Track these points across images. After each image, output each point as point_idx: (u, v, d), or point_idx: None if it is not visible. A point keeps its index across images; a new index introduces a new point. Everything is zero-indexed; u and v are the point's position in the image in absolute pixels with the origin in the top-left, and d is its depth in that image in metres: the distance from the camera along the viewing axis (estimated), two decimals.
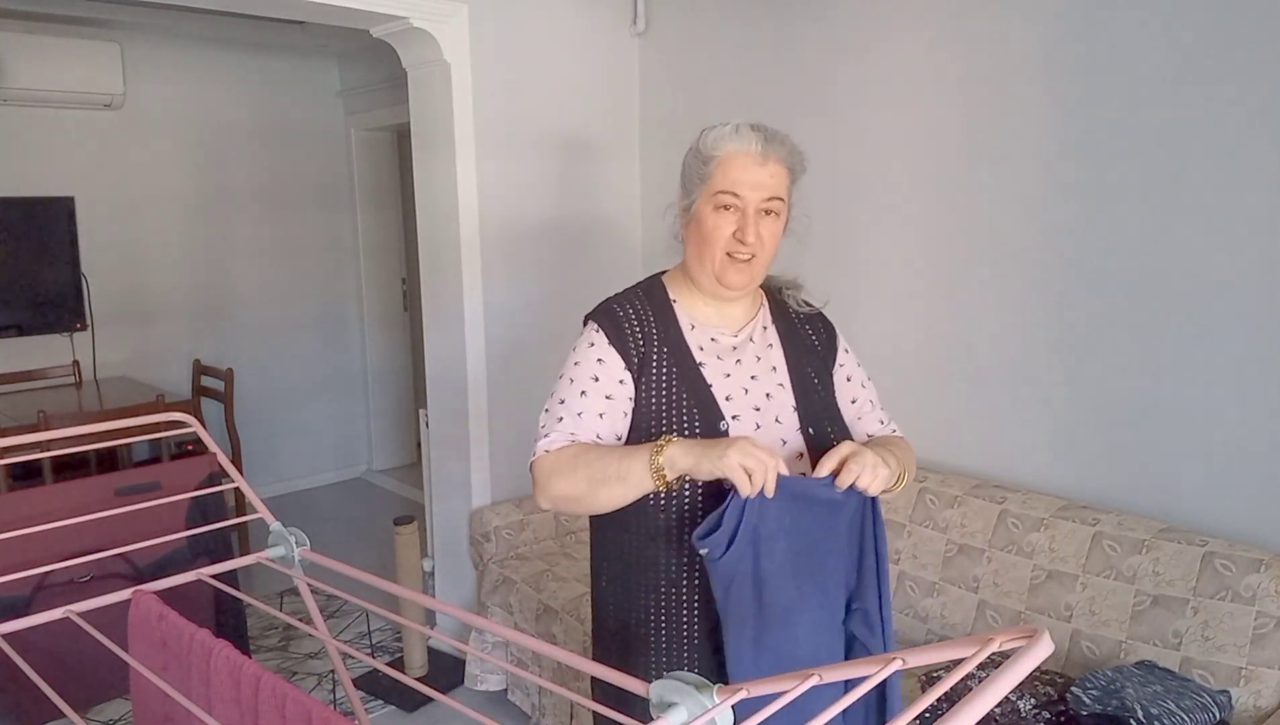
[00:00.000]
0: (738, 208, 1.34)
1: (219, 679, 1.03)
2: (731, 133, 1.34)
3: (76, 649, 2.53)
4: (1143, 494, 2.21)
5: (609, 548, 1.44)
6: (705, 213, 1.37)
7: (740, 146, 1.33)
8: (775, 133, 1.36)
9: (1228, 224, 2.02)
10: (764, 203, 1.34)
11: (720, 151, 1.34)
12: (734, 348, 1.43)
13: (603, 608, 1.48)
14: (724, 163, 1.34)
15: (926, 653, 0.67)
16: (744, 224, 1.34)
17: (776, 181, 1.35)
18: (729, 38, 3.08)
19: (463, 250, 3.07)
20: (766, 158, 1.33)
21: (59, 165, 4.38)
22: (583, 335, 1.48)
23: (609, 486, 1.27)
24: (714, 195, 1.35)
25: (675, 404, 1.36)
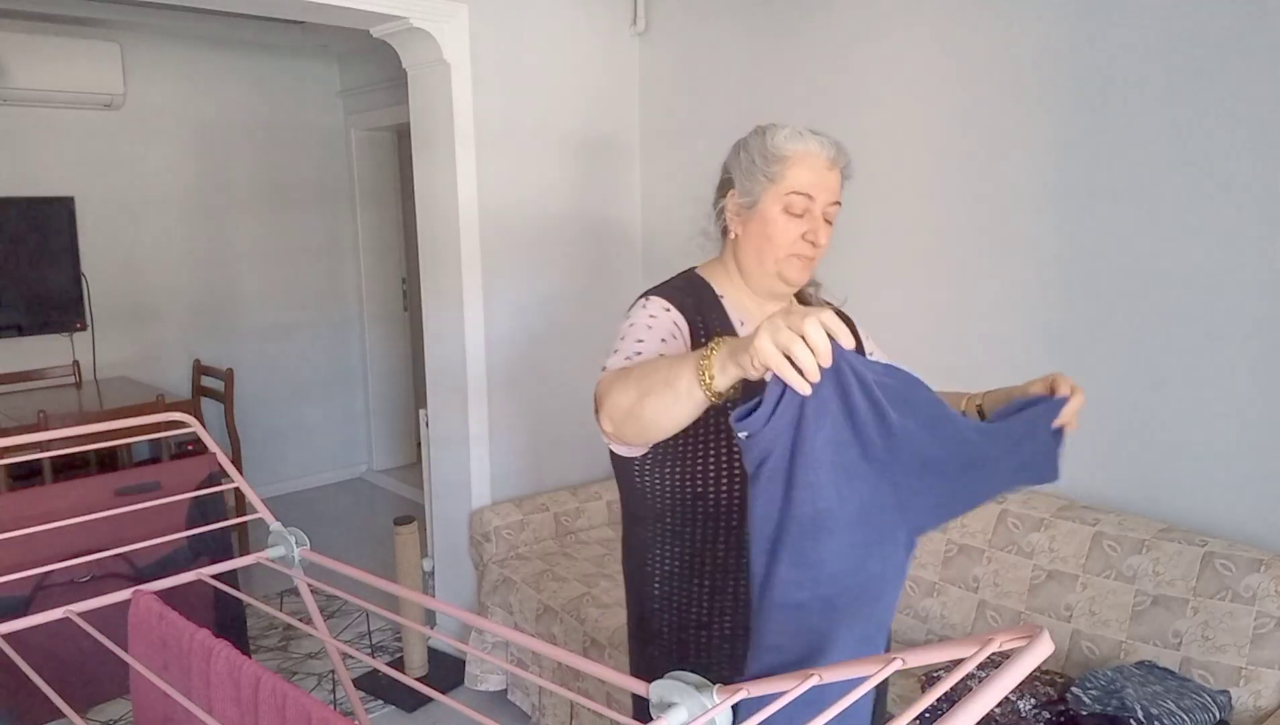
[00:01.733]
0: (809, 210, 1.35)
1: (219, 679, 1.03)
2: (799, 135, 1.35)
3: (76, 649, 2.53)
4: (1143, 494, 2.21)
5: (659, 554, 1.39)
6: (773, 213, 1.36)
7: (813, 150, 1.34)
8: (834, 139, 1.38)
9: (1228, 224, 2.02)
10: (829, 207, 1.36)
11: (791, 152, 1.34)
12: None
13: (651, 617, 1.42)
14: (796, 164, 1.33)
15: (926, 653, 0.67)
16: (815, 226, 1.35)
17: (838, 186, 1.37)
18: (729, 38, 3.08)
19: (463, 250, 3.07)
20: (834, 164, 1.35)
21: (59, 165, 4.38)
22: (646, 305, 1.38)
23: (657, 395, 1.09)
24: (785, 196, 1.34)
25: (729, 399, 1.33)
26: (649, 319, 1.35)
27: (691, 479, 1.33)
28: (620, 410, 1.14)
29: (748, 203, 1.38)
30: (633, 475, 1.39)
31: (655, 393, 1.09)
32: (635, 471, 1.38)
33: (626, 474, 1.40)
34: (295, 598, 3.76)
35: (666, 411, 1.08)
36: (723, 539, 1.33)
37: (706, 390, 1.03)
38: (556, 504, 3.19)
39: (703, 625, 1.35)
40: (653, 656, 1.43)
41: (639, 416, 1.11)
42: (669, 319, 1.36)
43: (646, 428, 1.12)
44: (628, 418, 1.13)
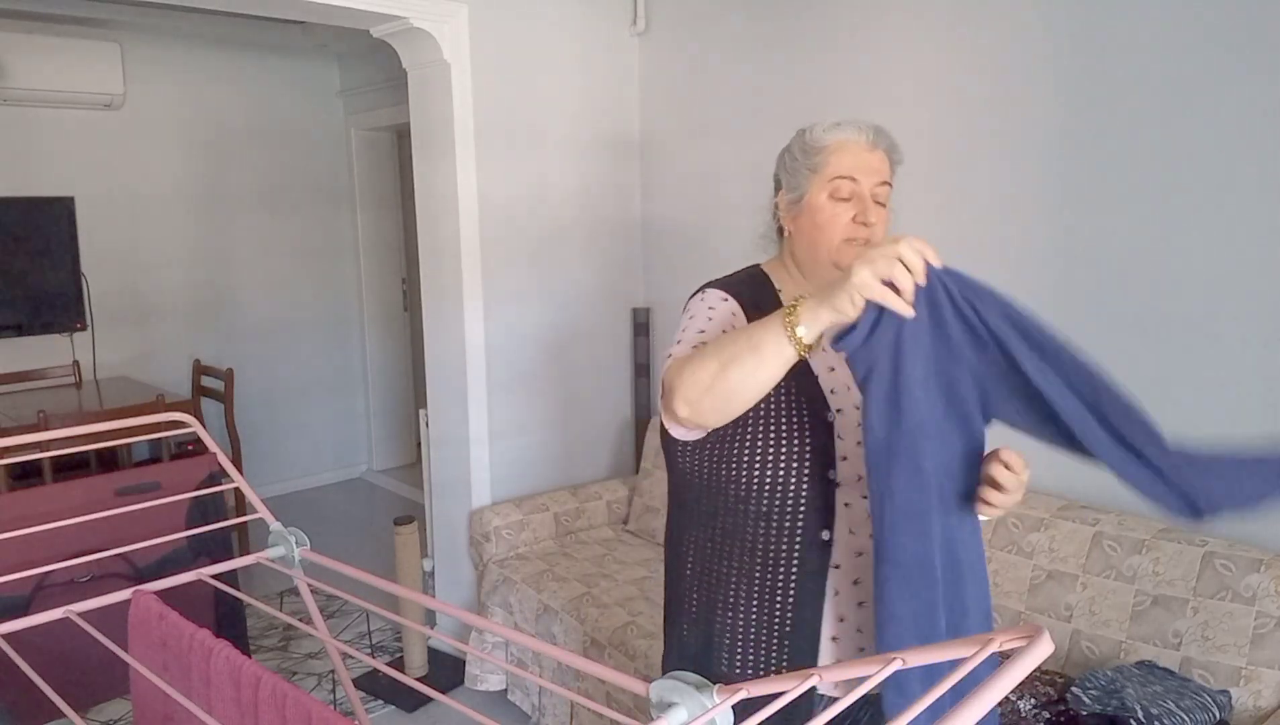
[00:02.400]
0: (855, 192, 1.34)
1: (219, 679, 1.03)
2: (835, 125, 1.36)
3: (77, 649, 2.53)
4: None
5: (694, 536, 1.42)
6: (820, 202, 1.36)
7: (850, 136, 1.35)
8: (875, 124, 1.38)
9: (1228, 225, 2.02)
10: (876, 188, 1.35)
11: (829, 141, 1.35)
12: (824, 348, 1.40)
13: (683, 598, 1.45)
14: (836, 151, 1.35)
15: (926, 653, 0.67)
16: (863, 206, 1.34)
17: (884, 167, 1.36)
18: (729, 38, 3.08)
19: (463, 250, 3.07)
20: (875, 145, 1.35)
21: (59, 165, 4.38)
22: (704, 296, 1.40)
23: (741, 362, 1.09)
24: (829, 182, 1.35)
25: (784, 393, 1.34)
26: (708, 311, 1.37)
27: (726, 463, 1.34)
28: (699, 387, 1.13)
29: (795, 197, 1.39)
30: (676, 457, 1.41)
31: (739, 359, 1.09)
32: (679, 453, 1.40)
33: (672, 456, 1.43)
34: (295, 598, 3.75)
35: (753, 375, 1.09)
36: (750, 524, 1.34)
37: (796, 344, 1.06)
38: (556, 504, 3.19)
39: (729, 607, 1.37)
40: (682, 636, 1.46)
41: (721, 389, 1.11)
42: (726, 310, 1.37)
43: (730, 398, 1.12)
44: (708, 393, 1.12)
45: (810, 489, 1.31)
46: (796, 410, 1.33)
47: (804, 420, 1.32)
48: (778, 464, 1.32)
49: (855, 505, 1.32)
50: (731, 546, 1.36)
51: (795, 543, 1.32)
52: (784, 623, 1.34)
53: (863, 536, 1.32)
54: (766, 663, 1.35)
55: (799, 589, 1.33)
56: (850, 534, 1.32)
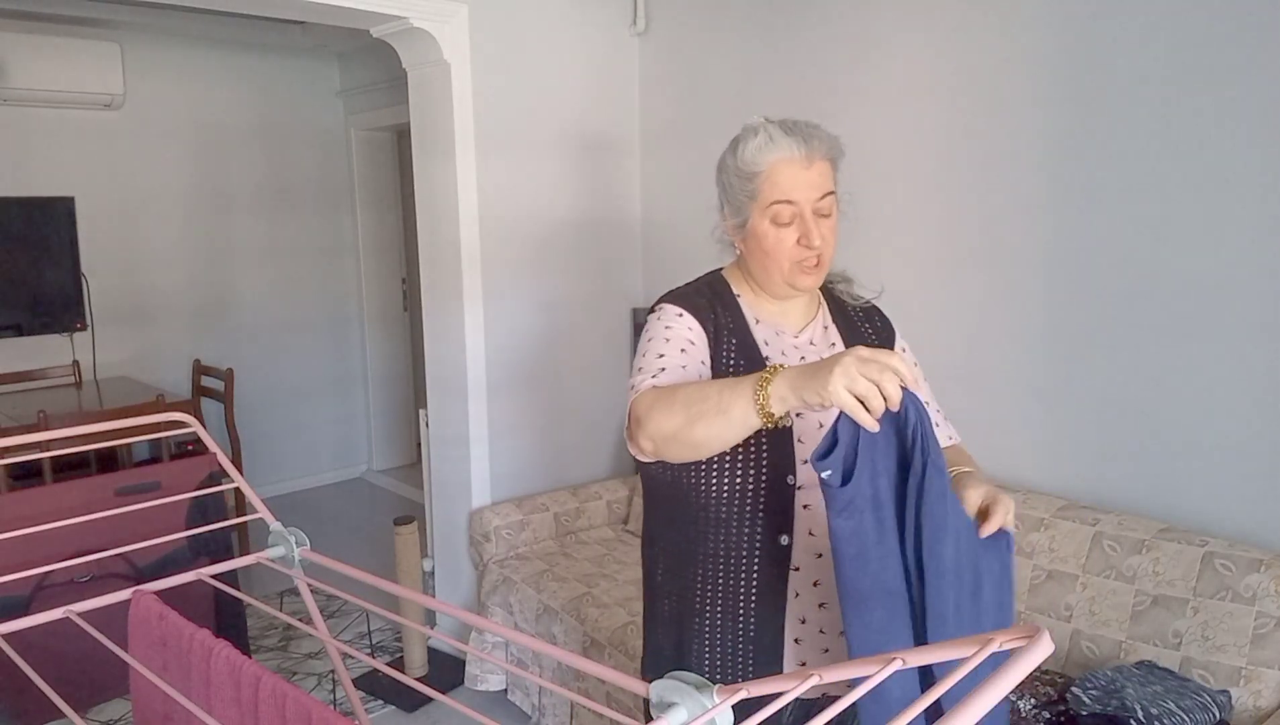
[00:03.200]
0: (797, 214, 1.32)
1: (219, 679, 1.03)
2: (767, 142, 1.31)
3: (77, 649, 2.53)
4: (1143, 494, 2.21)
5: (663, 541, 1.43)
6: (764, 227, 1.34)
7: (782, 155, 1.30)
8: (810, 129, 1.32)
9: (1227, 224, 2.02)
10: (818, 203, 1.32)
11: (763, 165, 1.31)
12: (796, 346, 1.42)
13: (657, 600, 1.47)
14: (770, 175, 1.31)
15: (926, 653, 0.67)
16: (806, 229, 1.32)
17: (824, 178, 1.33)
18: (729, 38, 3.08)
19: (463, 250, 3.07)
20: (811, 159, 1.31)
21: (59, 165, 4.38)
22: (660, 315, 1.40)
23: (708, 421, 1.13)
24: (768, 208, 1.32)
25: None
26: (665, 330, 1.37)
27: (687, 471, 1.35)
28: (664, 433, 1.17)
29: (739, 222, 1.38)
30: (645, 465, 1.42)
31: (706, 418, 1.13)
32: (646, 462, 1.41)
33: (641, 464, 1.44)
34: (295, 598, 3.76)
35: (718, 436, 1.13)
36: (712, 530, 1.35)
37: (763, 416, 1.09)
38: (556, 504, 3.19)
39: (696, 612, 1.38)
40: (658, 643, 1.47)
41: (687, 439, 1.15)
42: (683, 326, 1.37)
43: (695, 449, 1.17)
44: (672, 441, 1.17)
45: (769, 494, 1.32)
46: None
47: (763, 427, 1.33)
48: (735, 471, 1.32)
49: (815, 506, 1.33)
50: (695, 552, 1.37)
51: (755, 547, 1.33)
52: (748, 626, 1.35)
53: (822, 538, 1.33)
54: (734, 666, 1.37)
55: (760, 593, 1.34)
56: (810, 536, 1.33)
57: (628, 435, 1.29)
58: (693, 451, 1.18)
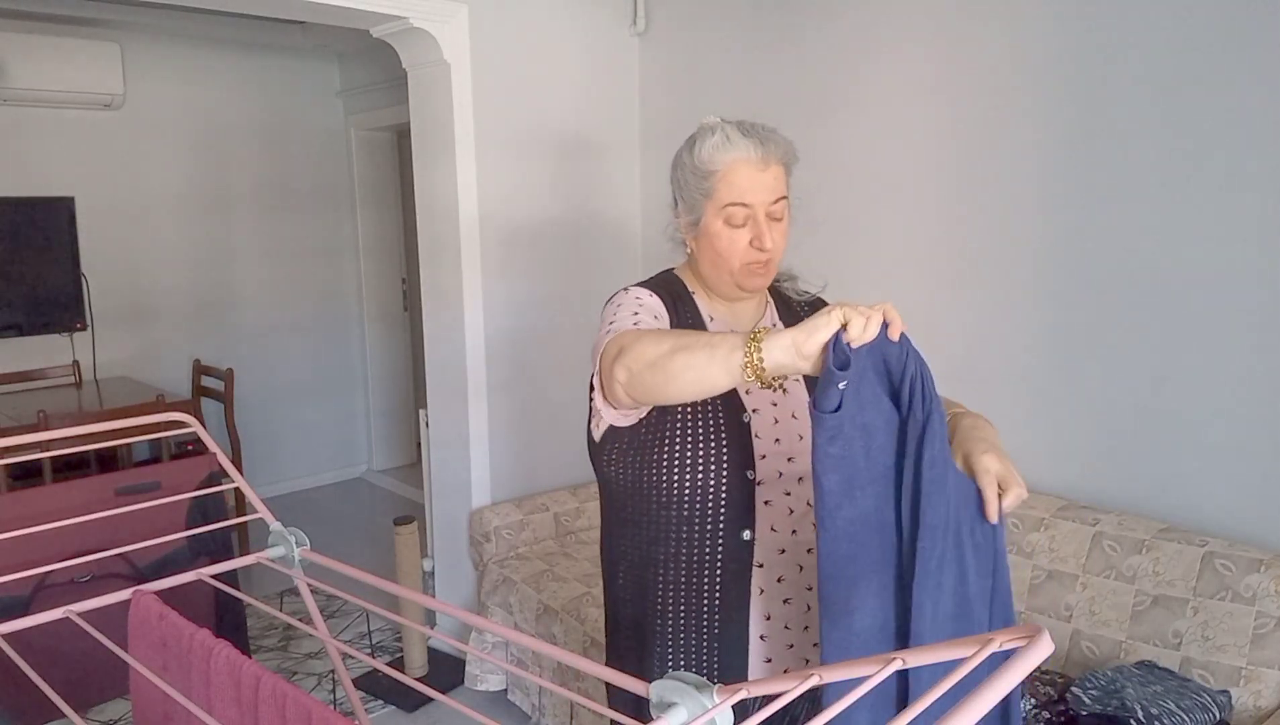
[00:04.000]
0: (750, 217, 1.32)
1: (219, 679, 1.03)
2: (724, 142, 1.31)
3: (77, 649, 2.53)
4: (1143, 494, 2.21)
5: (623, 545, 1.44)
6: (716, 228, 1.34)
7: (739, 155, 1.30)
8: (767, 131, 1.33)
9: (1228, 224, 2.02)
10: (771, 207, 1.33)
11: (719, 165, 1.31)
12: None
13: (617, 605, 1.47)
14: (726, 175, 1.31)
15: (926, 653, 0.67)
16: (759, 232, 1.32)
17: (778, 181, 1.33)
18: (729, 38, 3.08)
19: (463, 250, 3.07)
20: (767, 161, 1.31)
21: (59, 165, 4.38)
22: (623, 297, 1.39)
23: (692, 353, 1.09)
24: (722, 209, 1.33)
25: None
26: (635, 301, 1.37)
27: (647, 468, 1.36)
28: (644, 359, 1.13)
29: (692, 220, 1.39)
30: (603, 463, 1.43)
31: (691, 350, 1.09)
32: (605, 459, 1.42)
33: (598, 462, 1.45)
34: (295, 598, 3.76)
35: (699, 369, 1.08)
36: (674, 529, 1.36)
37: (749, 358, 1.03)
38: (556, 504, 3.19)
39: (659, 614, 1.38)
40: (619, 644, 1.47)
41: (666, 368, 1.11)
42: (653, 302, 1.38)
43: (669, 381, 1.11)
44: (650, 368, 1.12)
45: (730, 490, 1.32)
46: (713, 413, 1.35)
47: (720, 422, 1.34)
48: (696, 467, 1.33)
49: (776, 502, 1.34)
50: (657, 553, 1.37)
51: (718, 544, 1.34)
52: (712, 624, 1.36)
53: (784, 533, 1.34)
54: (699, 665, 1.37)
55: (724, 590, 1.35)
56: (771, 532, 1.34)
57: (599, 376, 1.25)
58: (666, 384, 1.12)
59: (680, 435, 1.33)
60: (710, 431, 1.33)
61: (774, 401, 1.39)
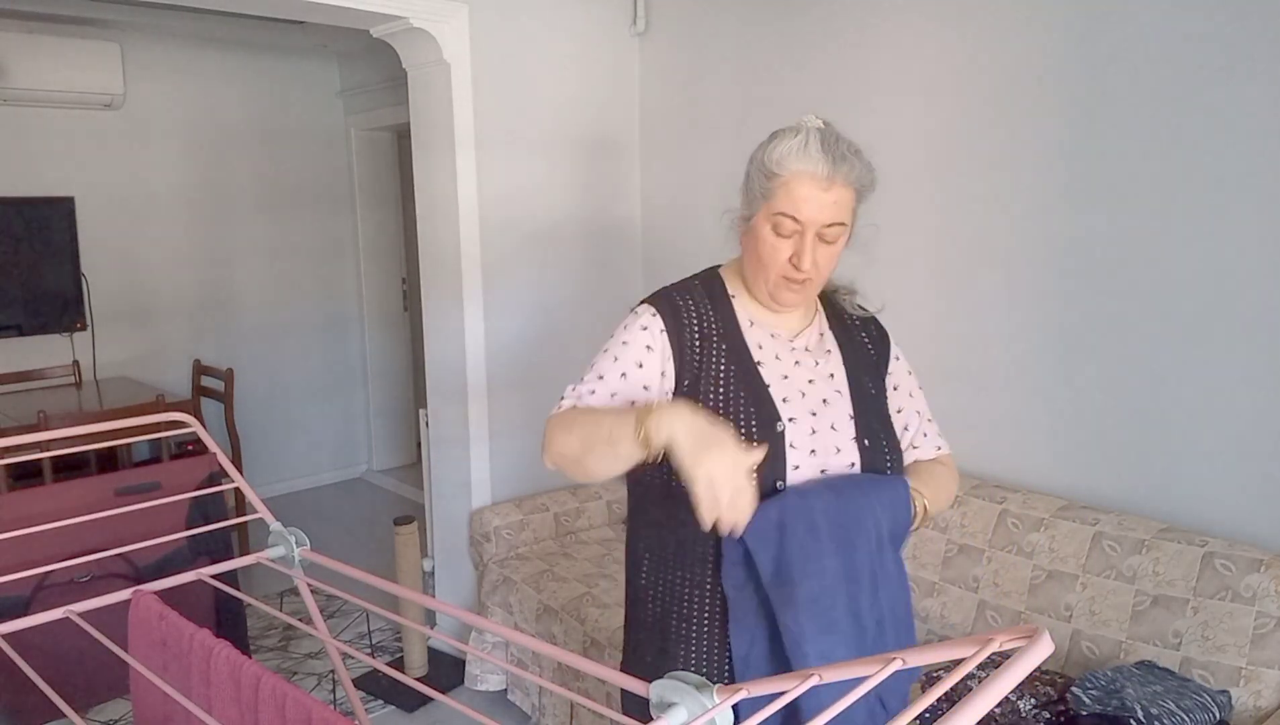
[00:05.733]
0: (797, 232, 1.29)
1: (219, 679, 1.03)
2: (800, 148, 1.26)
3: (77, 649, 2.53)
4: (1143, 494, 2.21)
5: (649, 543, 1.42)
6: (764, 231, 1.31)
7: (806, 168, 1.25)
8: (847, 150, 1.28)
9: (1228, 225, 2.02)
10: (824, 229, 1.28)
11: (786, 171, 1.27)
12: (792, 350, 1.40)
13: (638, 603, 1.45)
14: (789, 183, 1.27)
15: (926, 653, 0.67)
16: (801, 249, 1.29)
17: (840, 206, 1.28)
18: (729, 38, 3.08)
19: (463, 250, 3.07)
20: (833, 182, 1.26)
21: (59, 165, 4.38)
22: (637, 315, 1.39)
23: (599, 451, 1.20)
24: (773, 215, 1.29)
25: (732, 401, 1.32)
26: (621, 345, 1.37)
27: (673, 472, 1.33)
28: (564, 457, 1.27)
29: (746, 215, 1.36)
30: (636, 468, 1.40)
31: (597, 450, 1.22)
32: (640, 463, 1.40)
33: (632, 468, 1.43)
34: (295, 598, 3.76)
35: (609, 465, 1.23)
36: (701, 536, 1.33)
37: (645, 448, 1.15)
38: (556, 504, 3.19)
39: (684, 617, 1.37)
40: (639, 642, 1.46)
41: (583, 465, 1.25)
42: (642, 340, 1.36)
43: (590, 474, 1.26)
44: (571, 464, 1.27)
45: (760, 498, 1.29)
46: (746, 420, 1.32)
47: (754, 430, 1.31)
48: None
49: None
50: (685, 556, 1.36)
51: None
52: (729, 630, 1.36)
53: None
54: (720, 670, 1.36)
55: None
56: None
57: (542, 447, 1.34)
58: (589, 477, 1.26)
59: None
60: (744, 440, 1.29)
61: (813, 411, 1.35)
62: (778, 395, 1.34)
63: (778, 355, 1.39)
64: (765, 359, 1.38)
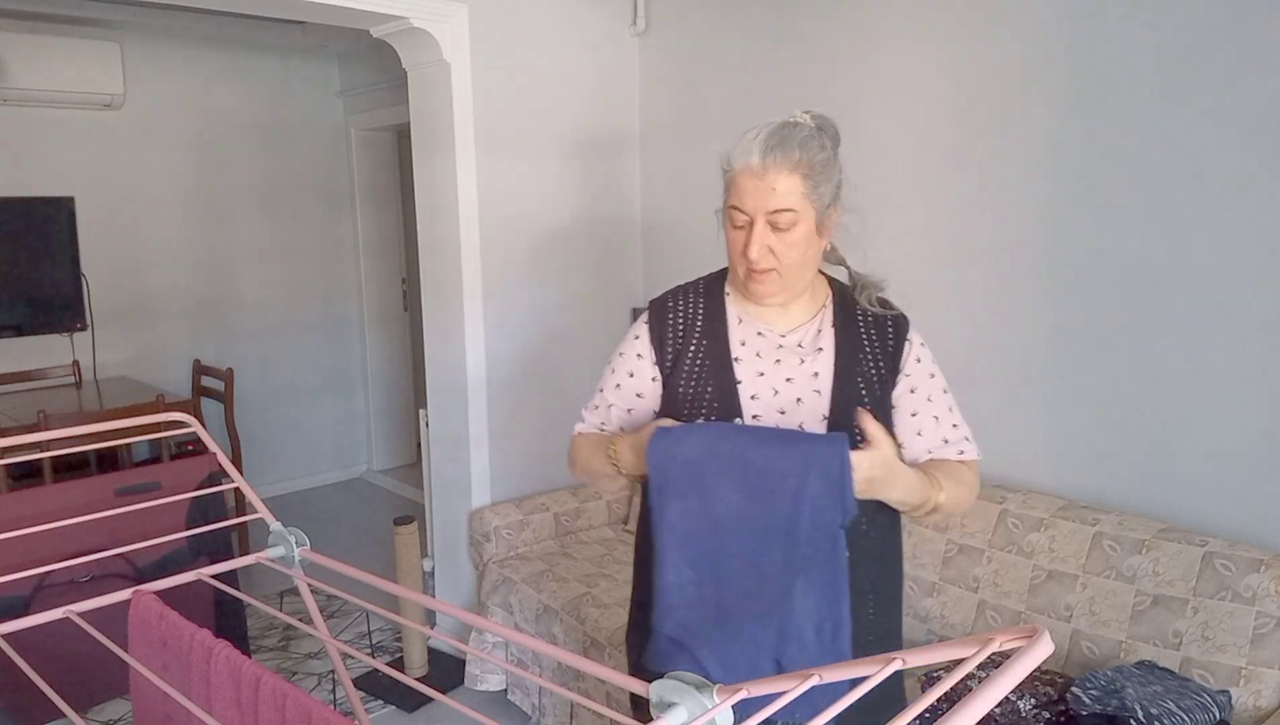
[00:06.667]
0: (748, 222, 1.32)
1: (219, 679, 1.03)
2: (745, 144, 1.31)
3: (77, 649, 2.53)
4: (1143, 494, 2.21)
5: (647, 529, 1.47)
6: (727, 226, 1.38)
7: (744, 160, 1.31)
8: (784, 139, 1.29)
9: (1229, 225, 2.02)
10: (770, 216, 1.31)
11: (733, 166, 1.33)
12: (779, 347, 1.41)
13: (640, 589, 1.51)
14: (735, 177, 1.33)
15: (926, 653, 0.67)
16: (747, 240, 1.33)
17: (782, 193, 1.29)
18: (729, 38, 3.08)
19: (463, 250, 3.07)
20: (765, 169, 1.28)
21: (59, 165, 4.38)
22: (634, 325, 1.51)
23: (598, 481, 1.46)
24: (729, 208, 1.35)
25: (699, 395, 1.38)
26: (619, 358, 1.50)
27: None
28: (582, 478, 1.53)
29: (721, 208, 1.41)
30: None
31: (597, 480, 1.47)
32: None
33: None
34: (295, 598, 3.76)
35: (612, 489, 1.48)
36: None
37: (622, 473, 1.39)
38: (556, 504, 3.19)
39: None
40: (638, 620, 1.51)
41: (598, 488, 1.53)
42: (634, 349, 1.48)
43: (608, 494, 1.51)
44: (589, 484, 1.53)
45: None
46: (707, 414, 1.38)
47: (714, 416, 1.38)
48: None
49: None
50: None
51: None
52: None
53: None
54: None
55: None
56: None
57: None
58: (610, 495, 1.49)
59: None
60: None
61: (782, 409, 1.37)
62: (746, 392, 1.37)
63: (759, 352, 1.41)
64: (744, 356, 1.40)
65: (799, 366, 1.40)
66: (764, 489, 1.21)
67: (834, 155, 1.35)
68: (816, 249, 1.37)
